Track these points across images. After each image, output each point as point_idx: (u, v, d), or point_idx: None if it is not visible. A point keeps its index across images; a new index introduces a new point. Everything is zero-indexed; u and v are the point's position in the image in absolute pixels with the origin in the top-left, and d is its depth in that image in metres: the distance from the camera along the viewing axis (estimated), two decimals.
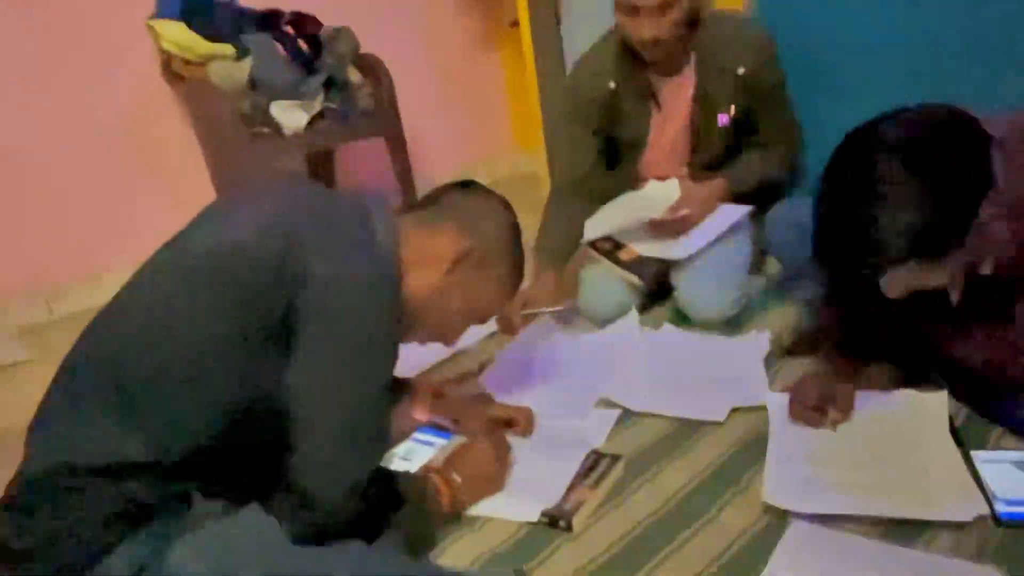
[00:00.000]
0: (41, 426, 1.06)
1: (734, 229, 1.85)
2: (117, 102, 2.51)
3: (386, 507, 1.11)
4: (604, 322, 1.91)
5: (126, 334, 1.06)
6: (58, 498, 0.99)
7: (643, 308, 1.93)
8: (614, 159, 1.96)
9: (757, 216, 1.88)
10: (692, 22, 1.74)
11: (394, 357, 1.12)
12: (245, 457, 1.10)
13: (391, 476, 1.16)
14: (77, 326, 1.12)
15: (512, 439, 1.44)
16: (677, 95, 1.84)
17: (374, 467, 1.09)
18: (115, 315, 1.10)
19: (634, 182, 1.95)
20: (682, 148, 1.91)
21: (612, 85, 1.82)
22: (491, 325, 2.00)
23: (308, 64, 2.48)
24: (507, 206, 1.30)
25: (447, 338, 1.29)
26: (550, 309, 1.85)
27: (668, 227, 1.83)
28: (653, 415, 1.53)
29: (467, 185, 1.29)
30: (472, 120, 3.34)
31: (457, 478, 1.26)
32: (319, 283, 1.03)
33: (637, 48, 1.74)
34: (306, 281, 1.03)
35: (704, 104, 1.83)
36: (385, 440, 1.14)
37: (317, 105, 2.49)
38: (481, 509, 1.29)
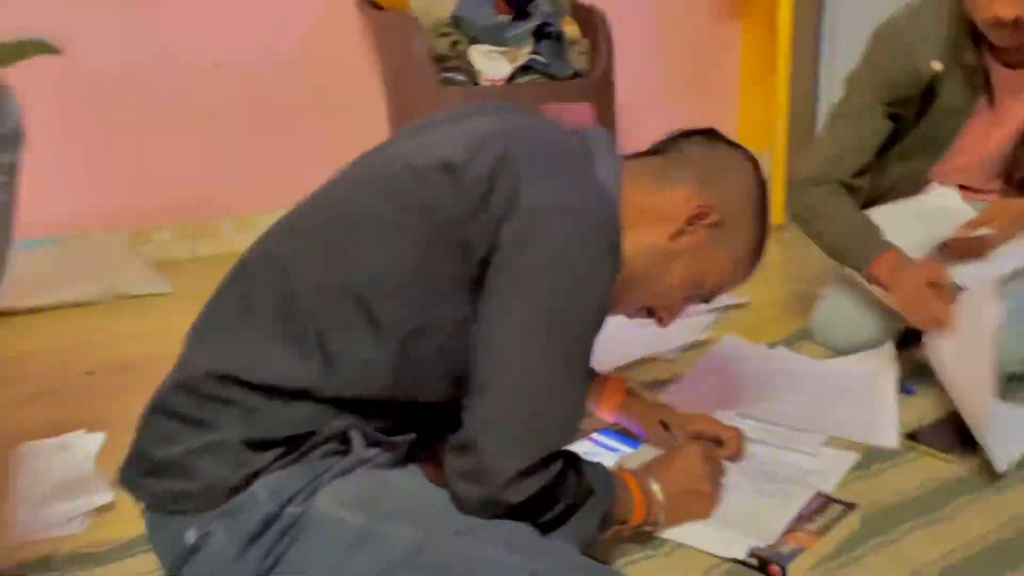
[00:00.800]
0: (206, 329, 1.12)
1: None
2: (302, 26, 2.68)
3: (568, 497, 1.08)
4: (841, 353, 1.84)
5: (303, 240, 1.10)
6: (212, 408, 1.03)
7: (899, 344, 1.82)
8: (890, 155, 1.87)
9: None
10: None
11: (604, 316, 1.10)
12: (415, 410, 1.12)
13: (578, 461, 1.13)
14: (218, 267, 1.19)
15: None
16: (1020, 93, 1.73)
17: (563, 445, 1.07)
18: (296, 220, 1.15)
19: (921, 185, 1.85)
20: (1001, 158, 1.80)
21: (937, 67, 1.72)
22: (701, 330, 1.99)
23: (520, 7, 2.55)
24: (755, 163, 1.26)
25: (662, 315, 1.26)
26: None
27: (959, 248, 1.72)
28: (904, 464, 1.45)
29: (709, 133, 1.27)
30: (694, 100, 3.32)
31: (658, 490, 1.21)
32: (529, 215, 1.04)
33: (983, 26, 1.62)
34: (514, 211, 1.04)
35: None
36: (581, 413, 1.11)
37: (523, 56, 2.55)
38: (674, 532, 1.25)
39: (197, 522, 1.00)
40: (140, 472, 1.07)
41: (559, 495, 1.06)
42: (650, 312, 1.27)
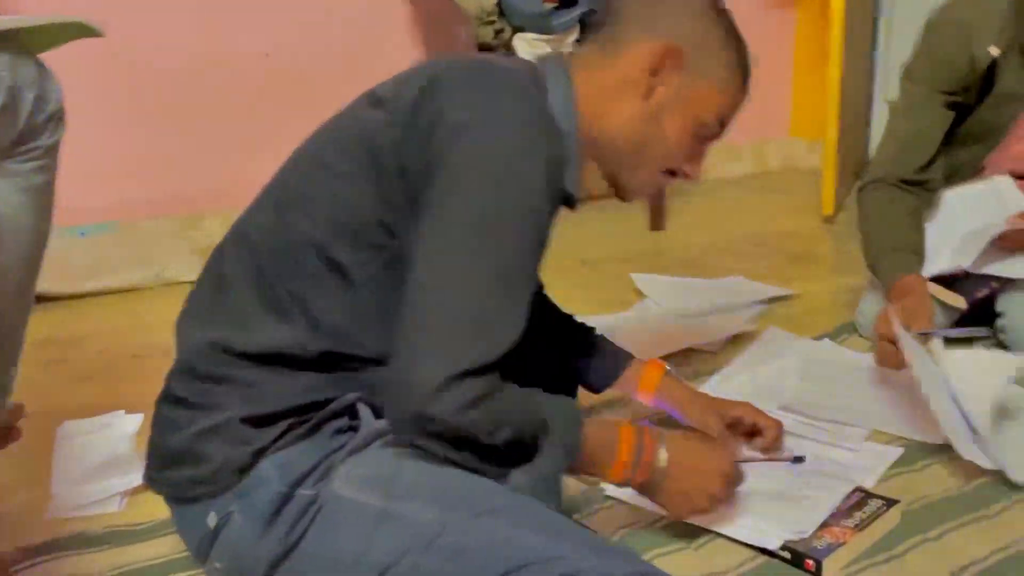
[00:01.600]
0: (190, 313, 1.12)
1: None
2: (348, 14, 2.69)
3: (515, 421, 0.99)
4: None
5: (262, 208, 1.11)
6: (210, 388, 1.03)
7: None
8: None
9: None
10: None
11: (542, 221, 1.03)
12: None
13: (532, 391, 1.05)
14: None
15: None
16: None
17: (493, 359, 0.95)
18: (259, 195, 1.16)
19: (976, 173, 1.80)
20: None
21: (995, 52, 1.67)
22: (744, 322, 1.97)
23: None
24: None
25: (685, 170, 1.18)
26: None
27: (1015, 237, 1.66)
28: (950, 460, 1.40)
29: None
30: None
31: (664, 458, 1.12)
32: (454, 127, 0.99)
33: None
34: (440, 127, 1.00)
35: None
36: (518, 325, 0.98)
37: (567, 44, 2.53)
38: (705, 519, 1.22)
39: (216, 505, 1.01)
40: (158, 465, 1.07)
41: (501, 417, 0.97)
42: (672, 173, 1.19)
